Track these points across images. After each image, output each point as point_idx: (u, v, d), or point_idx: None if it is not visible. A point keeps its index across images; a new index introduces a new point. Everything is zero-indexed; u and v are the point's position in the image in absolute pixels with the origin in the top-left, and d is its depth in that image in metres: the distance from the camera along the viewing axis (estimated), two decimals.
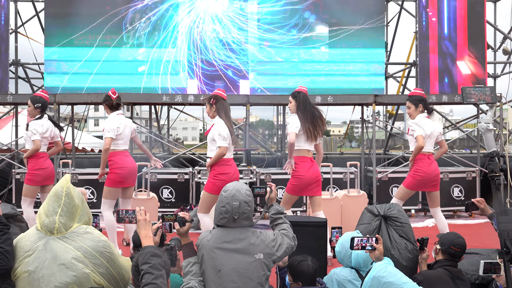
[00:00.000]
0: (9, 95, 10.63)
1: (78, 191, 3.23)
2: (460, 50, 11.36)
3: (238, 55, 11.12)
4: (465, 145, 34.48)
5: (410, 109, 6.65)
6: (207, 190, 6.11)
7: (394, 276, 3.77)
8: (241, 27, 11.17)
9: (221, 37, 11.12)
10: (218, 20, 11.16)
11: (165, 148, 14.25)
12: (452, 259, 4.36)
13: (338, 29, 11.21)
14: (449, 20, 11.43)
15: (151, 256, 2.98)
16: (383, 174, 10.25)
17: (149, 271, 2.92)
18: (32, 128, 6.79)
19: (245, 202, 3.57)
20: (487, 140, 4.22)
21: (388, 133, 13.92)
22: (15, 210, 4.19)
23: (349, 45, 11.20)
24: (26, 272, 3.02)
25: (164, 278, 2.96)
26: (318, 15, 11.20)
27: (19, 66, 12.20)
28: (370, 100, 10.31)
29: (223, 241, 3.54)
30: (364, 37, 11.19)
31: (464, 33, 11.41)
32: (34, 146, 6.74)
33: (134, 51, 11.03)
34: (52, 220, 3.07)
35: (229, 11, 11.17)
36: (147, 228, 3.26)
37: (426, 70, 11.39)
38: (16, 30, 12.11)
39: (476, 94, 4.16)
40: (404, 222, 4.67)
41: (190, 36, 11.09)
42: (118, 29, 11.00)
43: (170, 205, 9.84)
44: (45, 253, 3.03)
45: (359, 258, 4.22)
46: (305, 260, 3.93)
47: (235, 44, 11.15)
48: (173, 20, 11.10)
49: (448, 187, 10.24)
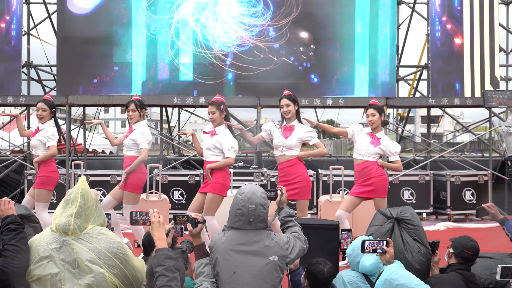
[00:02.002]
0: (21, 97, 10.70)
1: (93, 193, 3.24)
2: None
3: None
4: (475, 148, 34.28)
5: (374, 117, 6.56)
6: (217, 192, 6.07)
7: (406, 279, 3.76)
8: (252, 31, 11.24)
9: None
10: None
11: (176, 150, 14.28)
12: (465, 262, 4.34)
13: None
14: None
15: (165, 258, 2.99)
16: (394, 177, 10.21)
17: (163, 273, 2.92)
18: (50, 133, 6.70)
19: (261, 204, 3.58)
20: (508, 143, 4.20)
21: (399, 136, 13.86)
22: (29, 210, 4.21)
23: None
24: (49, 275, 3.03)
25: (178, 280, 2.97)
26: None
27: (31, 68, 12.29)
28: (381, 102, 10.27)
29: (238, 243, 3.54)
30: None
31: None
32: (51, 152, 6.64)
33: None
34: (67, 222, 3.09)
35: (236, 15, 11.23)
36: (161, 230, 3.24)
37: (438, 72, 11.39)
38: (29, 32, 12.20)
39: (497, 98, 4.17)
40: (417, 225, 4.65)
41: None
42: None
43: (180, 207, 9.84)
44: (62, 256, 3.04)
45: (366, 269, 4.22)
46: (323, 265, 3.89)
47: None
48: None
49: (460, 190, 10.18)
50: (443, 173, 10.50)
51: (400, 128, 14.06)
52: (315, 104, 10.27)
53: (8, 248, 3.11)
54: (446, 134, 19.96)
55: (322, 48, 11.40)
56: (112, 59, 11.22)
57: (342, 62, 11.38)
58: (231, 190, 8.47)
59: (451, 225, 9.54)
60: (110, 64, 11.22)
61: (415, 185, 10.26)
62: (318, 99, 10.26)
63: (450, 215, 10.02)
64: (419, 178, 10.29)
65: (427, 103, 10.94)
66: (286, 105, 6.28)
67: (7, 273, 3.04)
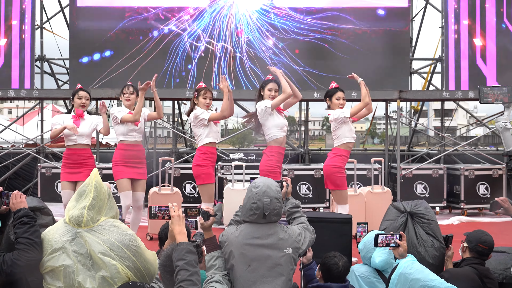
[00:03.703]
0: (35, 90, 10.76)
1: (106, 185, 3.24)
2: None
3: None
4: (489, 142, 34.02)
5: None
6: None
7: (421, 273, 3.74)
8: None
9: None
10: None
11: (188, 143, 14.30)
12: (480, 257, 4.30)
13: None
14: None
15: (186, 252, 2.97)
16: (407, 171, 10.15)
17: (184, 267, 2.91)
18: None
19: (276, 198, 3.57)
20: (505, 139, 4.16)
21: (413, 130, 13.77)
22: (42, 203, 4.22)
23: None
24: (62, 266, 3.04)
25: (199, 275, 2.96)
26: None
27: (44, 62, 12.34)
28: (395, 96, 10.21)
29: (253, 237, 3.53)
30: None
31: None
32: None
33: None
34: (80, 214, 3.09)
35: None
36: (181, 224, 3.23)
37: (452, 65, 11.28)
38: (42, 25, 12.24)
39: (493, 94, 4.11)
40: (431, 219, 4.61)
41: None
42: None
43: (193, 200, 9.87)
44: (75, 248, 3.05)
45: (376, 265, 4.20)
46: (338, 259, 3.83)
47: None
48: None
49: (474, 184, 10.10)
50: (457, 166, 10.42)
51: (414, 121, 13.96)
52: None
53: (21, 241, 3.12)
54: (459, 128, 19.79)
55: None
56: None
57: None
58: (243, 183, 8.48)
59: (465, 219, 9.48)
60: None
61: (429, 178, 10.20)
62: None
63: (463, 209, 9.96)
64: (432, 172, 10.22)
65: (441, 96, 10.85)
66: (275, 90, 6.29)
67: (20, 266, 3.06)
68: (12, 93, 10.55)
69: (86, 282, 3.00)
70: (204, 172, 6.27)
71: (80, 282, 3.00)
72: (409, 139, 13.92)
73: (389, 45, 11.29)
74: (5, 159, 11.72)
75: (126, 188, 6.50)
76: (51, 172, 10.23)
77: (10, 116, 39.59)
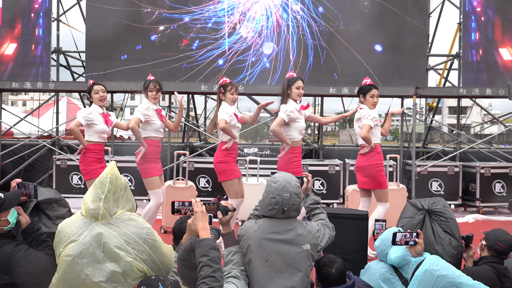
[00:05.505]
0: (51, 83, 10.81)
1: (122, 178, 3.23)
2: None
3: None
4: (504, 140, 33.72)
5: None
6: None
7: (448, 270, 3.69)
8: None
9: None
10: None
11: (202, 137, 14.31)
12: (498, 256, 4.24)
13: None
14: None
15: (209, 249, 2.96)
16: (422, 168, 10.08)
17: (208, 263, 2.90)
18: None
19: (295, 193, 3.54)
20: None
21: (428, 127, 13.66)
22: (59, 194, 4.23)
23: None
24: (70, 256, 3.05)
25: (222, 271, 2.95)
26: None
27: (60, 54, 12.39)
28: (411, 92, 10.11)
29: (271, 232, 3.51)
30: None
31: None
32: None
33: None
34: (97, 206, 3.09)
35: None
36: (204, 220, 3.20)
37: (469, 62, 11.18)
38: (58, 18, 12.29)
39: None
40: (449, 217, 4.56)
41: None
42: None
43: (206, 194, 9.87)
44: (89, 239, 3.05)
45: (393, 261, 4.16)
46: (330, 267, 3.71)
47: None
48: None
49: (490, 182, 10.01)
50: (472, 164, 10.32)
51: (429, 118, 13.85)
52: (343, 93, 10.15)
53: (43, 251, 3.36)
54: (474, 126, 19.61)
55: None
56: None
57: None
58: (257, 178, 8.46)
59: (480, 218, 9.40)
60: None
61: (444, 176, 10.11)
62: (346, 88, 10.13)
63: (479, 207, 9.87)
64: (448, 169, 10.13)
65: (458, 93, 10.75)
66: (302, 88, 6.33)
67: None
68: (28, 85, 10.60)
69: (94, 276, 3.00)
70: (228, 168, 6.30)
71: (88, 274, 3.00)
72: (424, 136, 13.81)
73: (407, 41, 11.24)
74: (20, 151, 11.81)
75: (159, 186, 6.51)
76: (66, 164, 10.27)
77: (25, 109, 39.89)
